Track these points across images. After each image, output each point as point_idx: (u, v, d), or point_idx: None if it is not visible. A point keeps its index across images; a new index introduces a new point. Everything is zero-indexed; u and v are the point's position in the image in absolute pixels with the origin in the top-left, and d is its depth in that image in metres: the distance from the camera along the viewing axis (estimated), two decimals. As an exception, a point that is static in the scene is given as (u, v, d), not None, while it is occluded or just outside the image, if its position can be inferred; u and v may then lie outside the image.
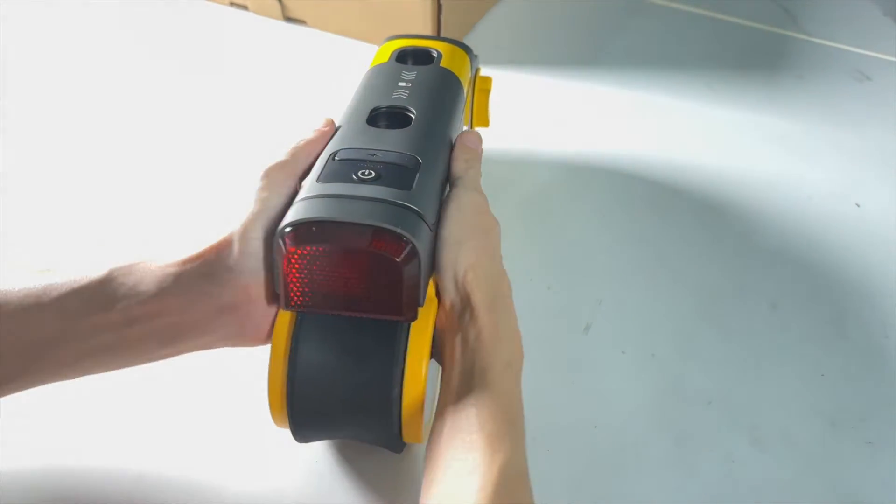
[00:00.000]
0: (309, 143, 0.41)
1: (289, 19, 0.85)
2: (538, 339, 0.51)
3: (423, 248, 0.35)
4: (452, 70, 0.51)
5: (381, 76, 0.49)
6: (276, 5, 0.84)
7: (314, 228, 0.34)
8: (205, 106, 0.72)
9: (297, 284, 0.35)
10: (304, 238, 0.34)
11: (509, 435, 0.33)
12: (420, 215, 0.36)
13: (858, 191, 0.64)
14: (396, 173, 0.38)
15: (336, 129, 0.43)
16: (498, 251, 0.41)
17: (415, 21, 0.77)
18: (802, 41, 0.84)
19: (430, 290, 0.38)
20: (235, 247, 0.36)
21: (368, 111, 0.44)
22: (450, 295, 0.38)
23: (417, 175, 0.38)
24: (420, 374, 0.36)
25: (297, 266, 0.35)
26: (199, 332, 0.37)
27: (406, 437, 0.38)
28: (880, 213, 0.62)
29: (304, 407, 0.37)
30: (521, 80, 0.78)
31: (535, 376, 0.49)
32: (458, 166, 0.44)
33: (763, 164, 0.67)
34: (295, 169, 0.40)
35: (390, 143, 0.40)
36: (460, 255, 0.38)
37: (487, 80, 0.58)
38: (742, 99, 0.75)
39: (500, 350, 0.36)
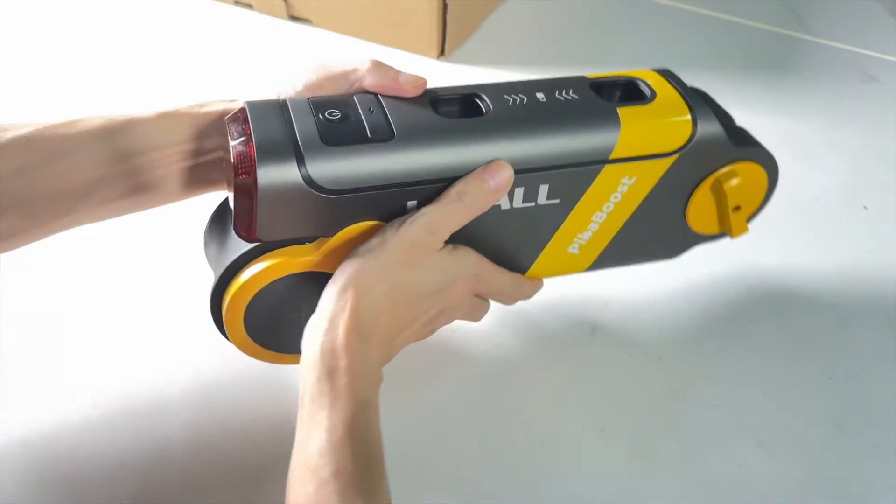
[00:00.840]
0: (372, 81, 0.40)
1: (293, 18, 0.85)
2: (545, 341, 0.51)
3: (268, 179, 0.35)
4: (629, 132, 0.40)
5: (553, 84, 0.42)
6: (281, 4, 0.84)
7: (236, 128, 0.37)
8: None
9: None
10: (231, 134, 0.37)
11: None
12: (300, 157, 0.36)
13: (866, 193, 0.64)
14: (354, 127, 0.37)
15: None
16: (407, 289, 0.38)
17: (420, 21, 0.76)
18: (809, 42, 0.84)
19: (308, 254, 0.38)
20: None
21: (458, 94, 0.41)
22: (327, 301, 0.36)
23: (363, 141, 0.37)
24: (244, 291, 0.38)
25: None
26: None
27: (233, 340, 0.41)
28: (888, 216, 0.62)
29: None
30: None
31: (541, 378, 0.49)
32: (454, 189, 0.38)
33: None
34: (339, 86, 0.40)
35: (418, 118, 0.39)
36: (357, 270, 0.36)
37: (741, 174, 0.45)
38: (748, 100, 0.75)
39: (357, 386, 0.34)
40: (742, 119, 0.72)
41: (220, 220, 0.42)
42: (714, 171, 0.44)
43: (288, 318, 0.41)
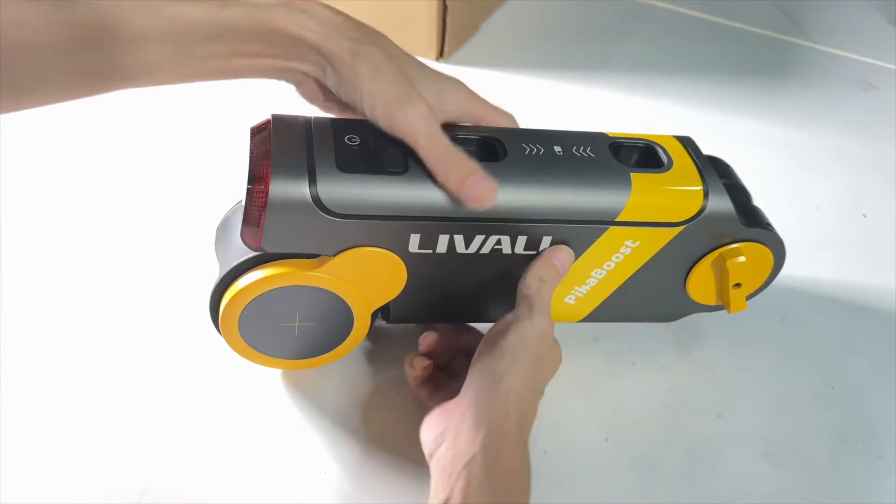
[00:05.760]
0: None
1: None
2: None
3: (280, 193, 0.36)
4: (641, 199, 0.40)
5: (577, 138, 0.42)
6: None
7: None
8: (207, 108, 0.71)
9: None
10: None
11: None
12: (312, 178, 0.37)
13: (865, 201, 0.64)
14: (370, 157, 0.38)
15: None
16: (543, 384, 0.40)
17: (419, 22, 0.76)
18: (807, 48, 0.84)
19: (304, 271, 0.39)
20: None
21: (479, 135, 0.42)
22: (486, 412, 0.36)
23: (376, 172, 0.38)
24: (242, 294, 0.39)
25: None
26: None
27: (226, 339, 0.42)
28: (887, 224, 0.62)
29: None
30: (523, 82, 0.77)
31: (545, 389, 0.49)
32: (532, 282, 0.40)
33: (769, 173, 0.67)
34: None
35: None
36: (509, 376, 0.37)
37: (745, 253, 0.44)
38: (747, 106, 0.75)
39: (522, 484, 0.36)
40: (740, 125, 0.72)
41: (232, 221, 0.43)
42: (720, 246, 0.44)
43: (282, 326, 0.42)
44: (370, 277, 0.41)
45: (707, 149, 0.45)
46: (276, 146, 0.38)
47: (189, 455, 0.43)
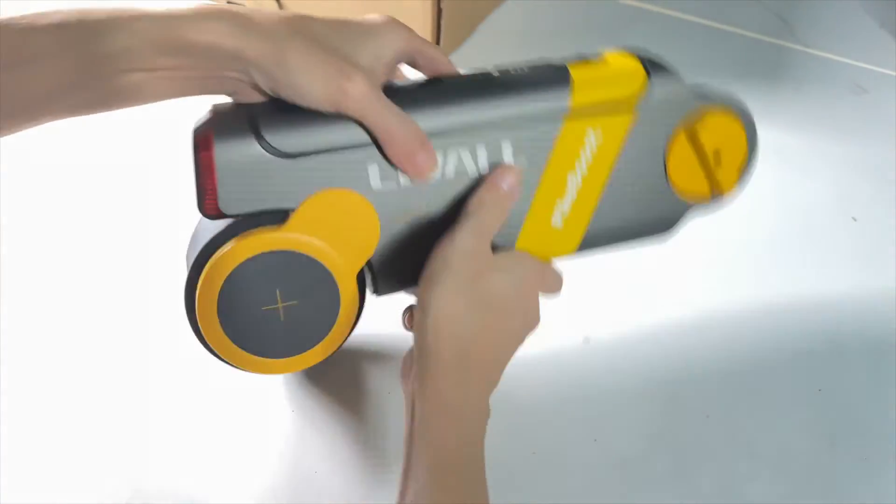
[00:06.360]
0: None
1: (287, 19, 0.84)
2: (538, 350, 0.51)
3: (226, 150, 0.36)
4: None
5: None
6: (274, 5, 0.83)
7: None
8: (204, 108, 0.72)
9: None
10: None
11: None
12: (256, 128, 0.36)
13: (855, 204, 0.65)
14: None
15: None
16: (499, 302, 0.37)
17: (414, 25, 0.76)
18: (800, 52, 0.85)
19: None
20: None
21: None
22: (415, 340, 0.36)
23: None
24: (214, 274, 0.38)
25: None
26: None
27: (204, 332, 0.39)
28: (876, 226, 0.63)
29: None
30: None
31: (534, 389, 0.49)
32: (469, 205, 0.39)
33: (760, 177, 0.67)
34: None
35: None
36: (431, 298, 0.36)
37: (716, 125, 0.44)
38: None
39: (451, 428, 0.35)
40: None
41: (198, 227, 0.42)
42: (682, 122, 0.44)
43: (265, 313, 0.40)
44: (341, 230, 0.39)
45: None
46: (214, 116, 0.38)
47: (180, 455, 0.44)
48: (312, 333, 0.41)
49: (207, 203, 0.37)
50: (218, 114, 0.38)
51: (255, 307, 0.39)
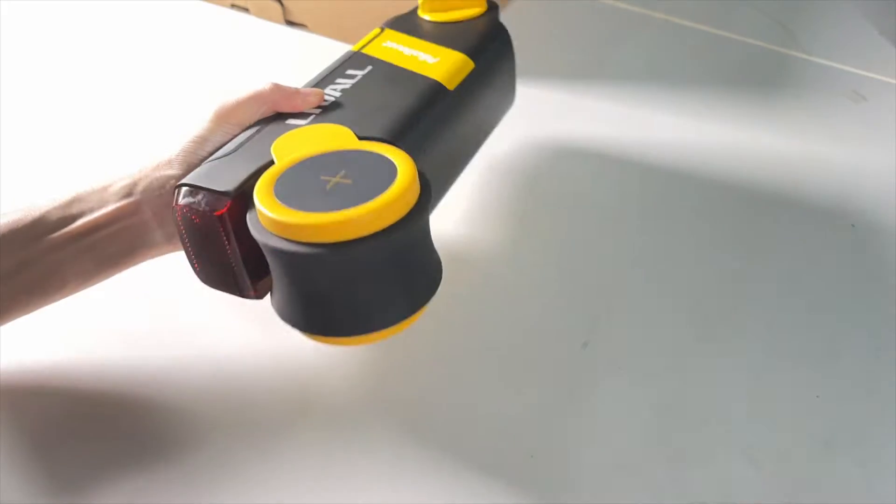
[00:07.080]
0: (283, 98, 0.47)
1: (290, 23, 0.85)
2: (535, 354, 0.51)
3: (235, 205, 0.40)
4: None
5: None
6: (278, 8, 0.84)
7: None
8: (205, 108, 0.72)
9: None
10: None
11: None
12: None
13: (853, 212, 0.65)
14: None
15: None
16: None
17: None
18: (799, 59, 0.85)
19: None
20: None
21: None
22: None
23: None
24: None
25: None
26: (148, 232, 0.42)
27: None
28: (875, 234, 0.63)
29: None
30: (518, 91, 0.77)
31: (531, 392, 0.49)
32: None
33: (759, 184, 0.67)
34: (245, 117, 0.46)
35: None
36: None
37: None
38: (738, 116, 0.76)
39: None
40: (731, 135, 0.73)
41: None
42: None
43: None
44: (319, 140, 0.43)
45: (699, 158, 0.46)
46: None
47: (178, 455, 0.44)
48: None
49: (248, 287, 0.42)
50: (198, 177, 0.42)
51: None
